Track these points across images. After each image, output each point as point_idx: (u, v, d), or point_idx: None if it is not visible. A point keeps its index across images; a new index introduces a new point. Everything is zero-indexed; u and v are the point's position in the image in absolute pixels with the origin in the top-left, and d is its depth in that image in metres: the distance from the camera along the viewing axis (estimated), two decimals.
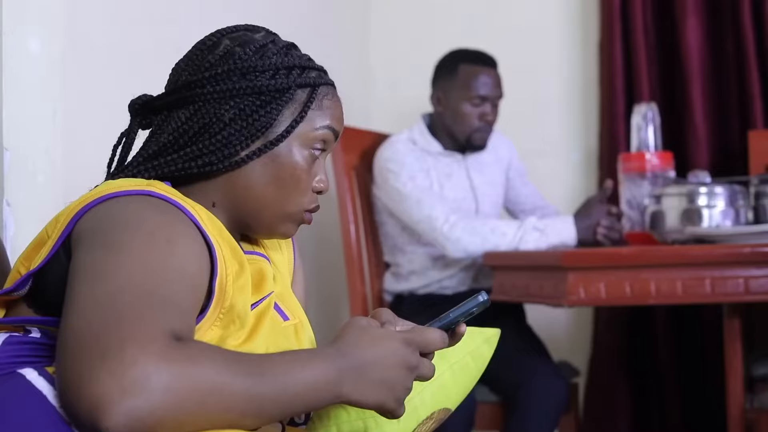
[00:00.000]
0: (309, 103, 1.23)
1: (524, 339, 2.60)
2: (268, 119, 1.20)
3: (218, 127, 1.19)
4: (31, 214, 1.74)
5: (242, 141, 1.19)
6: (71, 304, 0.97)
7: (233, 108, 1.19)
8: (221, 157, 1.19)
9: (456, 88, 2.70)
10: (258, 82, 1.20)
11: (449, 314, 1.16)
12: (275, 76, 1.21)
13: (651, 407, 3.20)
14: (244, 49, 1.22)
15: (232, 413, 0.94)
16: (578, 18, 3.42)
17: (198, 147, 1.19)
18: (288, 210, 1.23)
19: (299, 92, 1.22)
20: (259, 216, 1.23)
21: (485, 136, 2.74)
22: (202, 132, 1.19)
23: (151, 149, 1.22)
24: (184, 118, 1.20)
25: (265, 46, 1.23)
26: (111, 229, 1.05)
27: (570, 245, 2.51)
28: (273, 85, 1.20)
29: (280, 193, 1.22)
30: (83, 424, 0.89)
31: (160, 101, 1.24)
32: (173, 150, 1.20)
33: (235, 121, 1.19)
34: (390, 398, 1.06)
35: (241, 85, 1.20)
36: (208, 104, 1.20)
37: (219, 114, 1.19)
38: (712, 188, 2.28)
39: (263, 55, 1.22)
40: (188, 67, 1.24)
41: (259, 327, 1.17)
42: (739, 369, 2.21)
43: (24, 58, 1.78)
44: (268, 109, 1.20)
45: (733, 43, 3.13)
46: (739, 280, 2.01)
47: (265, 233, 1.26)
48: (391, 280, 2.78)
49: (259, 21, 1.34)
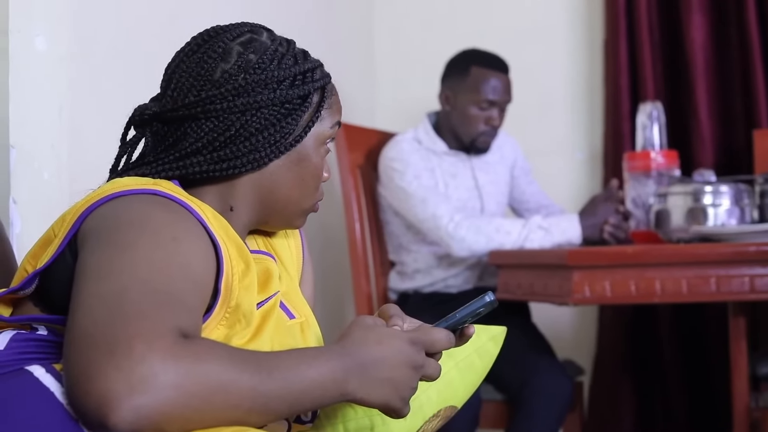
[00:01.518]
0: (322, 103, 1.26)
1: (529, 337, 2.60)
2: (293, 126, 1.23)
3: (244, 136, 1.20)
4: (37, 212, 1.75)
5: (267, 148, 1.21)
6: (78, 302, 0.97)
7: (259, 119, 1.21)
8: (246, 162, 1.21)
9: (465, 90, 2.69)
10: (281, 93, 1.21)
11: (456, 314, 1.16)
12: (294, 83, 1.23)
13: (655, 406, 3.21)
14: (259, 57, 1.22)
15: (239, 410, 0.94)
16: (583, 17, 3.42)
17: (225, 152, 1.20)
18: (306, 206, 1.28)
19: (315, 96, 1.25)
20: (282, 213, 1.27)
21: (489, 140, 2.74)
22: (228, 142, 1.20)
23: (172, 155, 1.21)
24: (207, 129, 1.20)
25: (276, 52, 1.23)
26: (117, 228, 1.05)
27: (575, 244, 2.51)
28: (295, 93, 1.22)
29: (302, 192, 1.26)
30: (90, 421, 0.89)
31: (174, 113, 1.22)
32: (198, 154, 1.21)
33: (261, 131, 1.21)
34: (395, 397, 1.06)
35: (266, 97, 1.21)
36: (234, 116, 1.20)
37: (246, 125, 1.20)
38: (717, 187, 2.28)
39: (280, 64, 1.23)
40: (201, 76, 1.21)
41: (265, 326, 1.17)
42: (744, 367, 2.21)
43: (30, 56, 1.79)
44: (294, 117, 1.22)
45: (737, 41, 3.13)
46: (744, 279, 2.01)
47: (281, 227, 1.32)
48: (396, 278, 2.78)
49: (264, 20, 1.34)
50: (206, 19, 1.33)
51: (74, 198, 1.15)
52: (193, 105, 1.20)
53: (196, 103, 1.20)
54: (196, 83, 1.21)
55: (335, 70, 1.31)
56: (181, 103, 1.20)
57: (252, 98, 1.20)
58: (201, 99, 1.20)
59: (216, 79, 1.20)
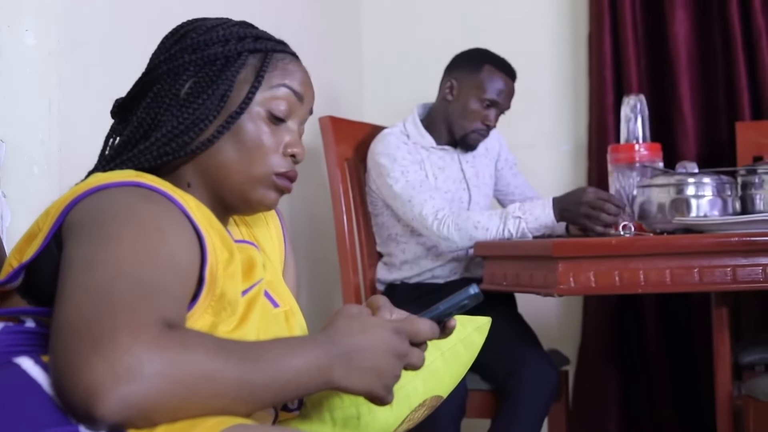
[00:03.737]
0: (264, 67, 1.23)
1: (515, 327, 2.61)
2: (224, 87, 1.20)
3: (176, 106, 1.20)
4: (27, 206, 1.75)
5: (206, 116, 1.19)
6: (63, 294, 0.98)
7: (187, 82, 1.20)
8: (189, 138, 1.19)
9: (472, 84, 2.70)
10: (208, 52, 1.21)
11: (440, 306, 1.17)
12: (226, 45, 1.22)
13: (640, 394, 3.23)
14: (196, 29, 1.24)
15: (225, 399, 0.95)
16: (568, 11, 3.43)
17: (164, 131, 1.20)
18: (254, 173, 1.22)
19: (251, 59, 1.23)
20: (230, 185, 1.22)
21: (480, 139, 2.75)
22: (164, 113, 1.20)
23: (119, 141, 1.24)
24: (145, 104, 1.22)
25: (217, 25, 1.24)
26: (101, 220, 1.06)
27: (553, 227, 2.51)
28: (223, 52, 1.21)
29: (244, 158, 1.21)
30: (78, 412, 0.90)
31: (128, 97, 1.26)
32: (142, 138, 1.21)
33: (193, 96, 1.20)
34: (379, 385, 1.08)
35: (192, 58, 1.21)
36: (165, 84, 1.21)
37: (175, 91, 1.20)
38: (699, 179, 2.28)
39: (213, 30, 1.23)
40: (151, 59, 1.26)
41: (250, 313, 1.18)
42: (727, 357, 2.22)
43: (20, 51, 1.79)
44: (223, 78, 1.20)
45: (720, 35, 3.15)
46: (727, 269, 2.01)
47: (241, 204, 1.25)
48: (383, 270, 2.80)
49: (251, 16, 1.35)
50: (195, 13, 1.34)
51: (64, 192, 1.15)
52: (135, 85, 1.24)
53: (136, 83, 1.23)
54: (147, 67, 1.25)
55: (323, 65, 1.31)
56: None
57: (178, 62, 1.21)
58: (141, 77, 1.24)
59: (155, 55, 1.25)
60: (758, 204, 2.28)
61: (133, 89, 1.26)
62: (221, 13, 1.33)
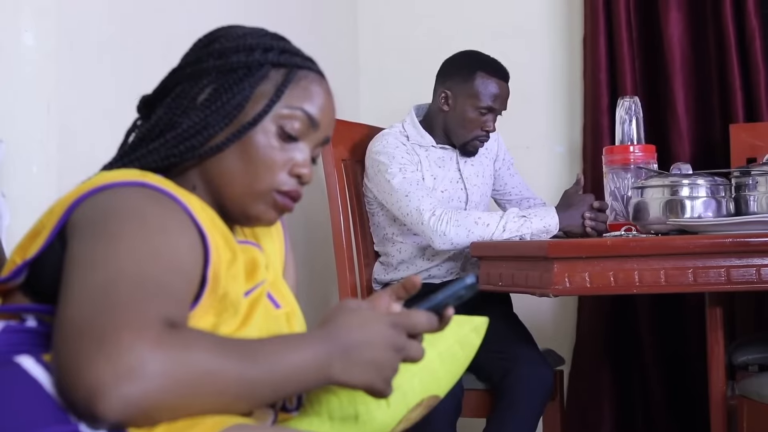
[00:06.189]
0: (285, 83, 1.21)
1: (510, 327, 2.62)
2: (241, 97, 1.19)
3: (193, 109, 1.19)
4: (26, 205, 1.75)
5: (217, 123, 1.18)
6: (66, 293, 0.98)
7: (207, 86, 1.20)
8: (198, 143, 1.18)
9: (467, 94, 2.69)
10: (231, 60, 1.20)
11: (437, 296, 1.16)
12: (250, 55, 1.21)
13: (634, 394, 3.24)
14: (227, 36, 1.24)
15: (226, 397, 0.96)
16: (563, 14, 3.44)
17: (177, 132, 1.19)
18: (256, 186, 1.20)
19: (274, 73, 1.22)
20: (231, 194, 1.20)
21: (480, 145, 2.76)
22: (180, 115, 1.20)
23: (136, 137, 1.24)
24: (166, 104, 1.22)
25: (247, 33, 1.23)
26: (105, 219, 1.06)
27: (553, 232, 2.53)
28: (246, 62, 1.20)
29: (249, 169, 1.19)
30: (80, 411, 0.91)
31: (153, 94, 1.26)
32: (157, 137, 1.21)
33: (209, 101, 1.19)
34: (378, 379, 1.08)
35: (216, 64, 1.20)
36: (186, 86, 1.21)
37: (194, 94, 1.20)
38: (694, 180, 2.28)
39: (242, 38, 1.22)
40: (182, 58, 1.26)
41: (253, 314, 1.18)
42: (721, 357, 2.23)
43: (18, 51, 1.80)
44: (241, 87, 1.19)
45: (714, 38, 3.16)
46: (721, 270, 2.02)
47: (240, 216, 1.23)
48: (380, 269, 2.81)
49: (248, 16, 1.36)
50: (192, 15, 1.35)
51: (63, 191, 1.15)
52: (159, 84, 1.24)
53: (164, 80, 1.24)
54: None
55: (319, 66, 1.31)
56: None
57: (200, 66, 1.21)
58: (168, 75, 1.24)
59: (185, 56, 1.25)
60: (752, 205, 2.29)
61: (158, 87, 1.26)
62: (218, 13, 1.34)
